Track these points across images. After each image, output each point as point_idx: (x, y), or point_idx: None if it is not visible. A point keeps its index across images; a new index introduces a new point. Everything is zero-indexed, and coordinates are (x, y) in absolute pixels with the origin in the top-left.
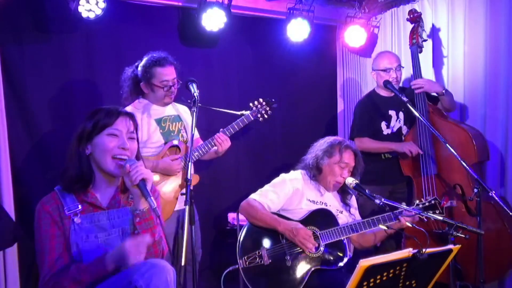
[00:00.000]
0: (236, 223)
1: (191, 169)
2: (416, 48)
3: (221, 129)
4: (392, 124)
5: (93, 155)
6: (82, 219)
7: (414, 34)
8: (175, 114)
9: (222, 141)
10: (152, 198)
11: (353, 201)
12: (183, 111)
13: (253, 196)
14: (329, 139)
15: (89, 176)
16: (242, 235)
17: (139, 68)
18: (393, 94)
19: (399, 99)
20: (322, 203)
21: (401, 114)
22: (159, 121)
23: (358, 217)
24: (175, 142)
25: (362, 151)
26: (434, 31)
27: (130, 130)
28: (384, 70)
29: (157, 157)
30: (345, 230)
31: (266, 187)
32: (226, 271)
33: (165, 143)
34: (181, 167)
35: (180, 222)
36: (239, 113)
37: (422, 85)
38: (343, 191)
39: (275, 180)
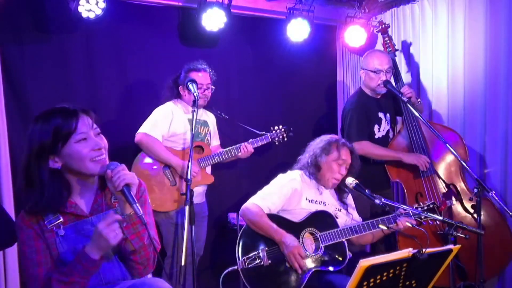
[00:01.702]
0: (236, 223)
1: (190, 168)
2: (392, 55)
3: (251, 140)
4: (382, 127)
5: (67, 165)
6: (66, 230)
7: (387, 43)
8: (205, 119)
9: (248, 151)
10: (137, 204)
11: (350, 200)
12: (210, 117)
13: (253, 200)
14: (325, 137)
15: (66, 188)
16: (241, 235)
17: (181, 75)
18: (379, 95)
19: (384, 101)
20: (321, 202)
21: (387, 116)
22: (191, 121)
23: (356, 216)
24: (199, 143)
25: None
26: (434, 31)
27: (93, 127)
28: (374, 72)
29: (183, 152)
30: (344, 232)
31: (265, 189)
32: (225, 272)
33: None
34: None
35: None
36: (260, 133)
37: (412, 91)
38: (339, 190)
39: (274, 182)
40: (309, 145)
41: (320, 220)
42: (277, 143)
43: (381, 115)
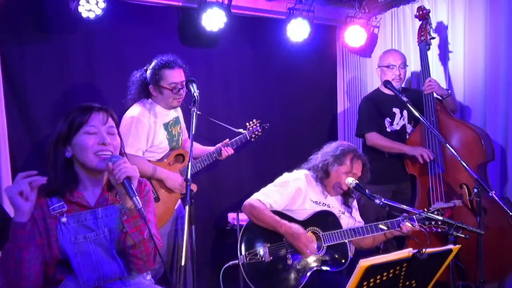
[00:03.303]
0: (236, 223)
1: (190, 170)
2: (424, 45)
3: (229, 141)
4: (395, 121)
5: (75, 156)
6: (68, 218)
7: (423, 31)
8: (176, 116)
9: (229, 154)
10: (137, 197)
11: (354, 203)
12: (178, 111)
13: (256, 196)
14: (342, 145)
15: (74, 178)
16: (244, 230)
17: (148, 71)
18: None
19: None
20: (325, 204)
21: (405, 112)
22: (166, 126)
23: (358, 218)
24: (178, 151)
25: (367, 149)
26: (434, 31)
27: (109, 125)
28: (388, 67)
29: (163, 164)
30: (347, 233)
31: (269, 186)
32: (226, 265)
33: (170, 148)
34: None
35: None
36: (237, 130)
37: (434, 85)
38: (345, 194)
39: (278, 180)
40: (323, 147)
41: (324, 220)
42: (252, 140)
43: (395, 110)
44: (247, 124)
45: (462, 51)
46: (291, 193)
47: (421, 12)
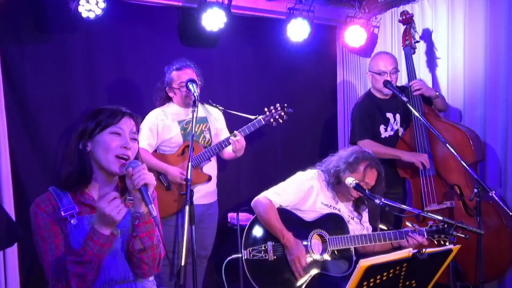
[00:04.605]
0: (236, 223)
1: (190, 169)
2: (409, 49)
3: (236, 131)
4: (389, 127)
5: (93, 153)
6: (79, 220)
7: (407, 35)
8: (203, 116)
9: (237, 140)
10: (152, 205)
11: (365, 213)
12: (213, 112)
13: (266, 194)
14: (357, 152)
15: (90, 172)
16: (252, 224)
17: (166, 77)
18: (388, 96)
19: (394, 101)
20: (335, 208)
21: (397, 116)
22: (181, 123)
23: (367, 225)
24: (188, 143)
25: None
26: (434, 31)
27: (133, 131)
28: (379, 74)
29: (173, 156)
30: (353, 239)
31: (282, 185)
32: (228, 258)
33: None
34: (183, 179)
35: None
36: (253, 117)
37: (421, 86)
38: (357, 201)
39: (291, 179)
40: (340, 150)
41: (332, 223)
42: (274, 124)
43: (389, 115)
44: (265, 108)
45: (462, 51)
46: (303, 191)
47: (404, 17)
